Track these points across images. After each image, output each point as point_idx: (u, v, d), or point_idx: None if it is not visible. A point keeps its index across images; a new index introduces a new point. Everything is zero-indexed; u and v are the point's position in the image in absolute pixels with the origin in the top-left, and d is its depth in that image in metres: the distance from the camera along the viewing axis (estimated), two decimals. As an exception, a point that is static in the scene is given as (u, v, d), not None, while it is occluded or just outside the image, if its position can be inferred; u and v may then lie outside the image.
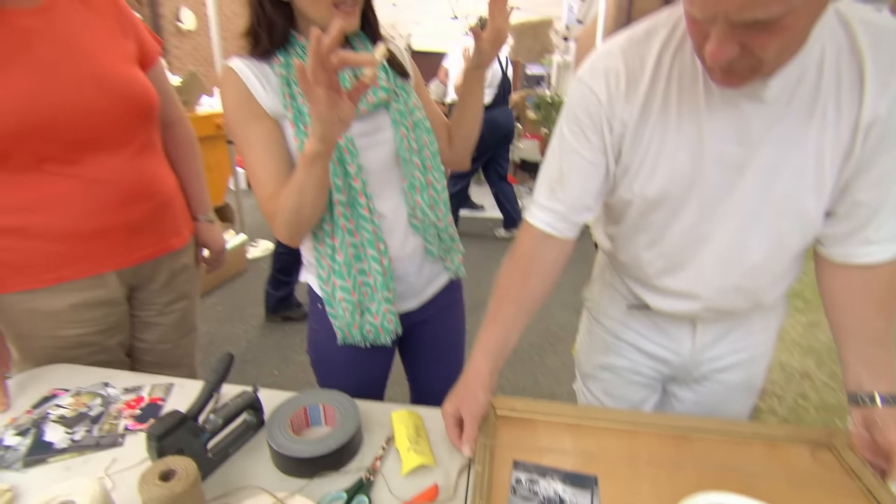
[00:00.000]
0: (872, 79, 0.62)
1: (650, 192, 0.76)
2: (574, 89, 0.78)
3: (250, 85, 0.85)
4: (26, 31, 0.84)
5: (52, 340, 0.98)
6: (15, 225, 0.89)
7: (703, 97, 0.69)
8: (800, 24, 0.53)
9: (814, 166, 0.68)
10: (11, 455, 0.74)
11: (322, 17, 0.84)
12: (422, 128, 0.97)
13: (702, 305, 0.83)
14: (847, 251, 0.74)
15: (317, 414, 0.82)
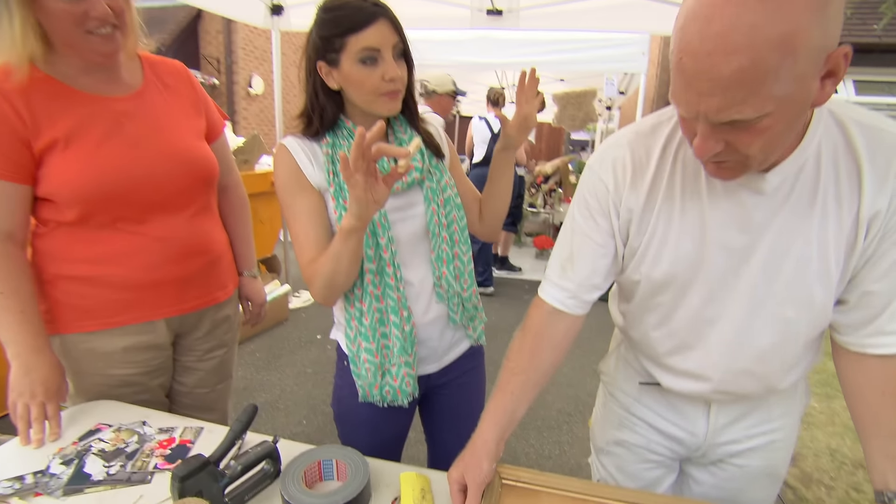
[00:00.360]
0: (870, 176, 0.65)
1: (656, 274, 0.79)
2: (585, 176, 0.84)
3: (300, 161, 0.96)
4: (121, 113, 0.99)
5: (103, 378, 1.08)
6: (88, 274, 1.01)
7: (706, 187, 0.73)
8: (778, 126, 0.57)
9: (818, 256, 0.69)
10: (54, 483, 0.82)
11: (369, 105, 0.95)
12: (452, 204, 1.05)
13: (712, 387, 0.83)
14: (862, 341, 0.74)
15: (330, 469, 0.85)
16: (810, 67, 0.53)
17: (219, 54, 8.29)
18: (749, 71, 0.51)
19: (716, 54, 0.52)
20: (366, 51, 0.89)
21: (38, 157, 0.93)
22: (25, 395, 0.93)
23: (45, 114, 0.92)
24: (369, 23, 0.88)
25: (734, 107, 0.54)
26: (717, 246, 0.73)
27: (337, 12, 0.89)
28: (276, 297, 3.45)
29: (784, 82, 0.52)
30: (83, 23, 0.88)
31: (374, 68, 0.90)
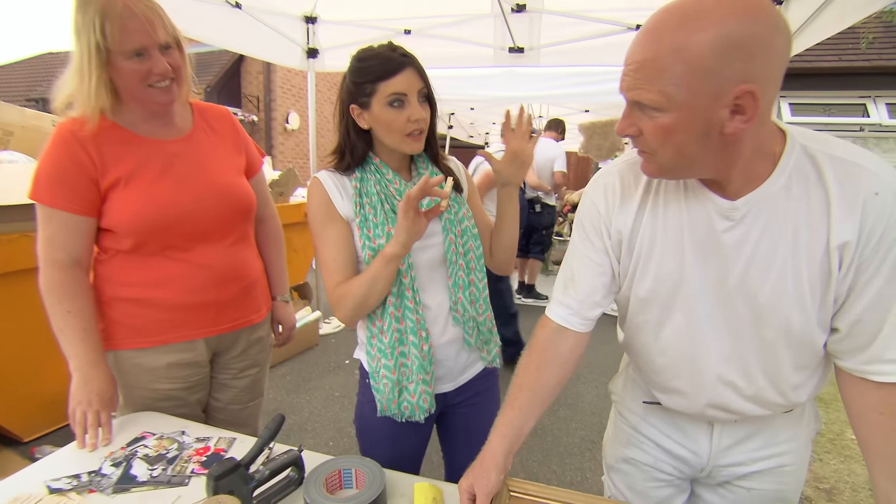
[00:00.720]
0: (838, 206, 0.68)
1: (641, 291, 0.85)
2: (581, 202, 0.92)
3: (331, 193, 1.06)
4: (172, 154, 1.13)
5: (149, 392, 1.18)
6: (139, 296, 1.14)
7: (685, 211, 0.79)
8: (680, 133, 0.66)
9: (792, 282, 0.72)
10: (105, 482, 0.91)
11: (395, 144, 1.04)
12: (469, 234, 1.13)
13: (703, 403, 0.86)
14: (860, 367, 0.75)
15: (349, 477, 0.92)
16: (706, 86, 0.62)
17: (259, 93, 8.80)
18: (650, 62, 0.65)
19: (636, 45, 0.67)
20: (394, 95, 0.99)
21: (103, 193, 1.07)
22: (83, 404, 1.04)
23: (111, 157, 1.06)
24: (398, 71, 0.98)
25: (636, 89, 0.67)
26: (694, 267, 0.78)
27: (369, 62, 1.00)
28: (306, 322, 3.57)
29: (677, 86, 0.63)
30: (146, 78, 1.03)
31: (401, 110, 1.00)
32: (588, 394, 3.10)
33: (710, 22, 0.60)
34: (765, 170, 0.71)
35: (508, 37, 3.05)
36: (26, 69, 11.66)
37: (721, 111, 0.63)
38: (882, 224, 0.66)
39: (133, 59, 1.01)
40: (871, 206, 0.67)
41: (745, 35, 0.60)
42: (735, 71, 0.61)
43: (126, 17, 0.98)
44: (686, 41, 0.61)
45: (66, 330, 1.06)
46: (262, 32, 3.15)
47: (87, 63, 0.98)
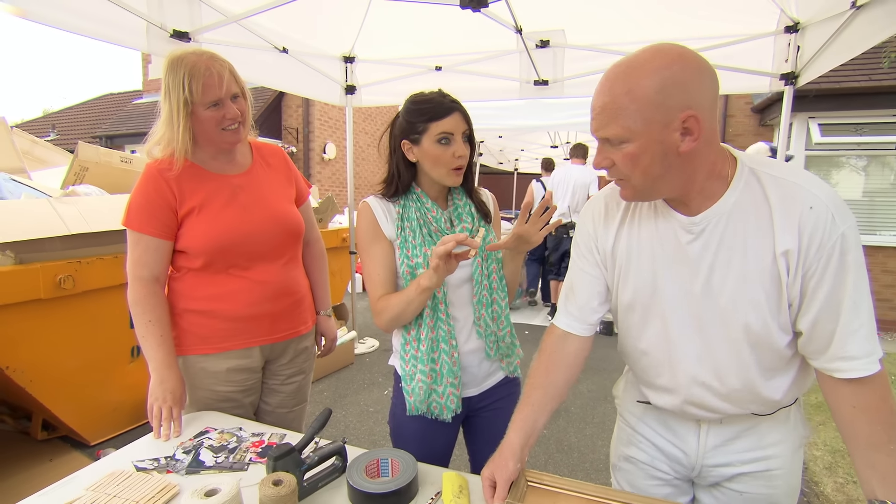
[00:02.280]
0: (779, 219, 0.80)
1: (624, 298, 0.98)
2: (577, 224, 1.07)
3: (378, 216, 1.22)
4: (236, 186, 1.33)
5: (211, 393, 1.35)
6: (206, 308, 1.32)
7: (655, 224, 0.92)
8: (644, 157, 0.79)
9: (747, 288, 0.83)
10: (179, 465, 1.07)
11: (440, 176, 1.20)
12: (493, 258, 1.27)
13: (682, 399, 0.95)
14: (826, 366, 0.83)
15: (386, 466, 1.04)
16: (656, 115, 0.76)
17: (298, 125, 9.29)
18: (609, 105, 0.79)
19: (596, 95, 0.82)
20: (443, 134, 1.16)
21: (180, 220, 1.27)
22: (159, 400, 1.21)
23: (188, 189, 1.26)
24: (447, 114, 1.16)
25: (603, 128, 0.81)
26: (665, 277, 0.91)
27: (423, 105, 1.18)
28: (343, 342, 3.75)
29: (633, 119, 0.77)
30: (221, 123, 1.24)
31: (448, 147, 1.16)
32: (614, 412, 3.11)
33: (649, 69, 0.76)
34: (719, 189, 0.84)
35: (533, 71, 3.22)
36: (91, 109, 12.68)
37: (673, 135, 0.77)
38: (819, 234, 0.77)
39: (211, 108, 1.22)
40: (807, 218, 0.78)
41: (678, 74, 0.76)
42: (676, 102, 0.75)
43: (207, 76, 1.20)
44: (634, 85, 0.76)
45: (147, 336, 1.24)
46: (305, 72, 3.43)
47: (178, 115, 1.19)
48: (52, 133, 11.54)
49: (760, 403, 0.92)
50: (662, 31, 2.83)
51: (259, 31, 2.94)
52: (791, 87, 2.78)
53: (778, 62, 2.81)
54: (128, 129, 9.88)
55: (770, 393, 0.90)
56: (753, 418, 0.96)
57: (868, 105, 5.11)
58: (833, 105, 5.22)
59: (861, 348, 0.79)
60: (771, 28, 2.71)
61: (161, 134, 1.24)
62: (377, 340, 4.38)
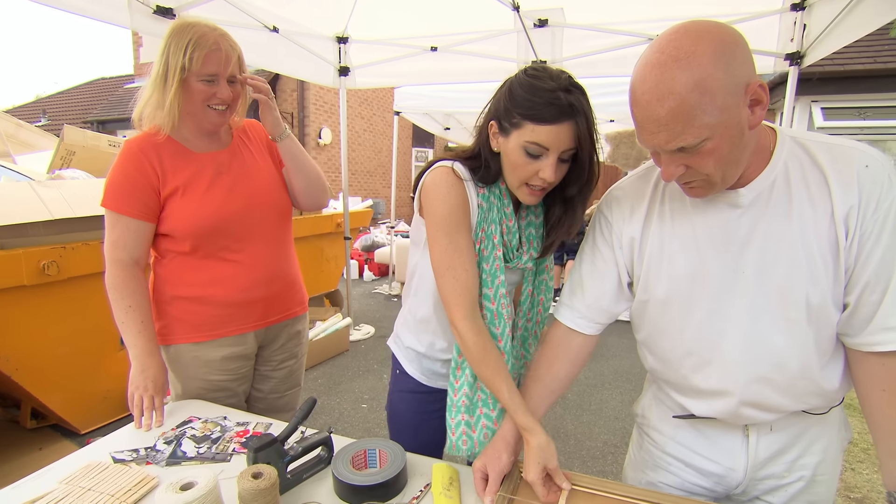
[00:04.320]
0: (836, 181, 0.75)
1: (659, 292, 0.89)
2: (594, 215, 0.99)
3: (471, 200, 0.96)
4: (220, 164, 1.26)
5: (203, 382, 1.30)
6: (196, 295, 1.26)
7: (692, 210, 0.85)
8: (723, 147, 0.71)
9: (804, 258, 0.77)
10: (160, 456, 1.03)
11: (512, 187, 0.96)
12: (542, 288, 1.12)
13: (737, 400, 0.85)
14: (866, 340, 0.78)
15: (374, 457, 1.00)
16: (730, 99, 0.68)
17: (293, 109, 9.16)
18: (678, 109, 0.68)
19: (652, 102, 0.69)
20: (534, 145, 0.87)
21: (162, 202, 1.21)
22: (140, 389, 1.17)
23: (170, 169, 1.20)
24: (553, 121, 0.85)
25: (677, 137, 0.70)
26: (710, 260, 0.83)
27: (533, 95, 0.86)
28: (337, 329, 3.71)
29: (710, 114, 0.67)
30: (209, 99, 1.18)
31: (534, 162, 0.89)
32: (612, 400, 3.10)
33: (706, 52, 0.66)
34: (763, 161, 0.79)
35: (531, 51, 3.13)
36: (82, 94, 12.49)
37: (744, 111, 0.70)
38: (876, 193, 0.73)
39: (204, 82, 1.16)
40: (865, 177, 0.73)
41: (730, 48, 0.68)
42: (741, 75, 0.68)
43: (214, 49, 1.14)
44: (699, 76, 0.66)
45: (127, 322, 1.19)
46: (297, 53, 3.34)
47: (172, 77, 1.13)
48: (44, 118, 11.38)
49: (818, 395, 0.85)
50: (664, 9, 2.74)
51: (248, 9, 2.84)
52: (796, 68, 2.71)
53: (783, 42, 2.73)
54: (119, 114, 9.74)
55: (827, 382, 0.84)
56: (803, 422, 0.89)
57: (872, 88, 5.03)
58: (836, 88, 5.13)
59: None
60: (776, 5, 2.63)
61: (149, 95, 1.17)
62: (372, 327, 4.34)
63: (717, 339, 0.85)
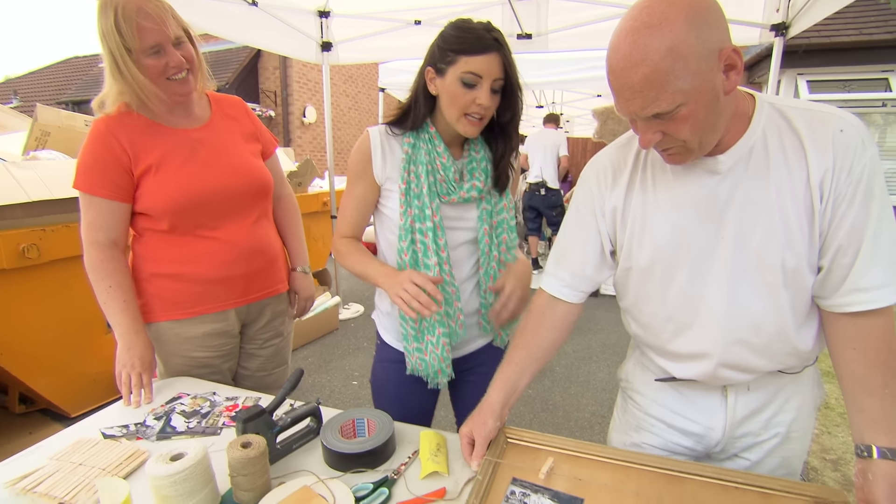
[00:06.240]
0: (811, 145, 0.76)
1: (642, 260, 0.91)
2: (578, 184, 1.00)
3: (374, 152, 1.10)
4: (195, 141, 1.24)
5: (186, 360, 1.31)
6: (175, 272, 1.25)
7: (672, 177, 0.86)
8: (699, 112, 0.71)
9: (781, 223, 0.78)
10: (150, 431, 1.04)
11: (453, 120, 1.06)
12: (504, 227, 1.18)
13: (716, 362, 0.88)
14: (838, 301, 0.80)
15: (362, 426, 1.02)
16: (703, 64, 0.68)
17: (276, 88, 8.97)
18: (651, 76, 0.68)
19: (626, 69, 0.70)
20: (469, 74, 0.99)
21: (136, 180, 1.19)
22: (128, 367, 1.17)
23: (142, 147, 1.17)
24: (483, 52, 0.99)
25: (652, 104, 0.71)
26: (691, 227, 0.85)
27: (461, 33, 1.01)
28: (327, 307, 3.72)
29: (683, 79, 0.68)
30: (165, 72, 1.14)
31: (470, 91, 1.01)
32: (600, 372, 3.16)
33: (678, 17, 0.66)
34: (742, 127, 0.79)
35: (516, 23, 3.09)
36: (55, 74, 12.09)
37: (718, 76, 0.70)
38: (850, 157, 0.74)
39: (151, 56, 1.11)
40: (839, 142, 0.74)
41: (701, 12, 0.68)
42: (714, 40, 0.68)
43: (141, 17, 1.08)
44: (671, 41, 0.66)
45: (109, 303, 1.19)
46: (278, 27, 3.26)
47: (123, 63, 1.09)
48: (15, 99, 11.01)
49: (793, 355, 0.88)
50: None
51: (224, -18, 2.76)
52: (781, 39, 2.71)
53: (769, 12, 2.72)
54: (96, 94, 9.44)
55: (801, 343, 0.86)
56: (778, 381, 0.93)
57: (857, 60, 5.06)
58: (822, 61, 5.15)
59: (878, 278, 0.76)
60: (761, -25, 2.62)
61: (110, 88, 1.14)
62: (362, 306, 4.36)
63: (697, 304, 0.87)
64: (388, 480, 0.88)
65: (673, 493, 0.84)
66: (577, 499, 0.83)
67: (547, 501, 0.83)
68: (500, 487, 0.86)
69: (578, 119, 8.26)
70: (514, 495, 0.84)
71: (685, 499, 0.83)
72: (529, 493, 0.84)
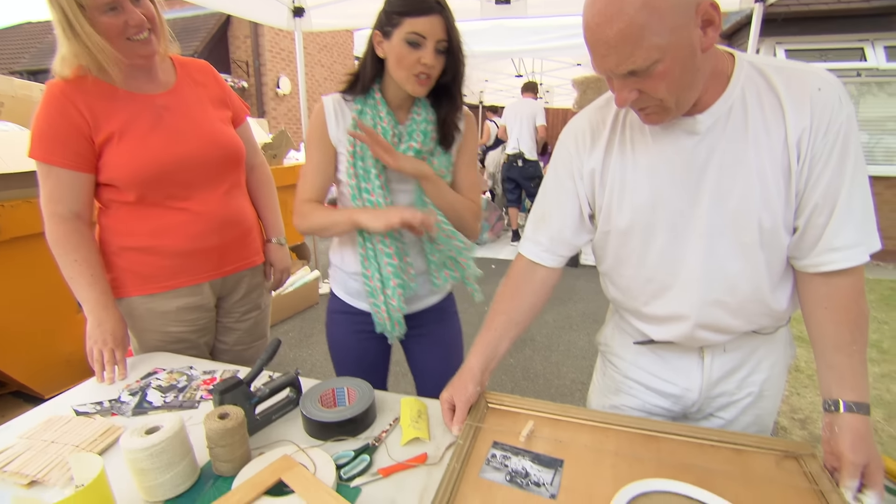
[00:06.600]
0: (789, 104, 0.76)
1: (621, 223, 0.90)
2: (556, 147, 0.98)
3: (328, 118, 1.15)
4: (161, 107, 1.18)
5: (161, 335, 1.28)
6: (145, 245, 1.21)
7: (651, 139, 0.85)
8: (675, 69, 0.70)
9: (758, 183, 0.78)
10: (125, 407, 1.02)
11: (401, 80, 1.09)
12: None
13: (692, 323, 0.89)
14: (812, 261, 0.81)
15: (342, 395, 1.01)
16: (680, 19, 0.67)
17: (247, 58, 8.64)
18: (626, 31, 0.67)
19: (602, 25, 0.68)
20: (414, 34, 1.03)
21: (98, 149, 1.13)
22: (99, 343, 1.13)
23: (102, 113, 1.11)
24: (426, 13, 1.03)
25: (627, 60, 0.69)
26: (669, 188, 0.84)
27: None
28: (306, 282, 3.68)
29: (659, 34, 0.66)
30: (124, 31, 1.06)
31: (415, 51, 1.05)
32: (580, 340, 3.22)
33: None
34: (720, 87, 0.78)
35: (495, -13, 3.01)
36: (7, 41, 11.39)
37: (696, 32, 0.69)
38: (827, 116, 0.74)
39: (108, 13, 1.04)
40: (817, 100, 0.74)
41: None
42: None
43: None
44: None
45: (75, 277, 1.14)
46: (246, -9, 3.11)
47: (75, 19, 1.01)
48: (-32, 70, 10.38)
49: (768, 316, 0.90)
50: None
51: (187, -60, 2.60)
52: (761, 5, 2.70)
53: (748, -23, 2.70)
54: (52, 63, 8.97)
55: (776, 303, 0.87)
56: (753, 342, 0.95)
57: (834, 29, 5.08)
58: (800, 30, 5.15)
59: (850, 238, 0.77)
60: (742, -62, 2.58)
61: (64, 51, 1.06)
62: (343, 280, 4.32)
63: (675, 266, 0.88)
64: (370, 447, 0.88)
65: (650, 452, 0.86)
66: (558, 460, 0.85)
67: (528, 463, 0.84)
68: (481, 451, 0.87)
69: (558, 89, 8.20)
70: (495, 458, 0.85)
71: (662, 457, 0.85)
72: (510, 456, 0.85)
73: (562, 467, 0.83)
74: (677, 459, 0.84)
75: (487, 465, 0.83)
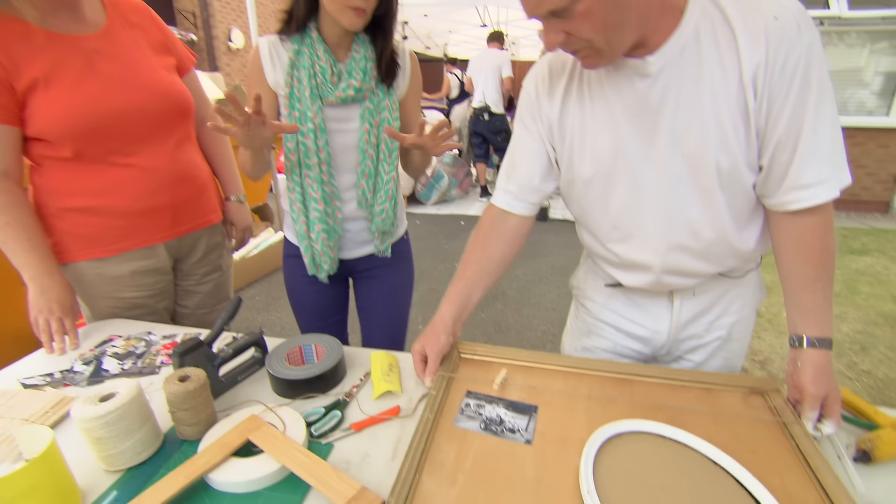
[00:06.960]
0: (744, 37, 0.71)
1: (584, 172, 0.88)
2: (520, 94, 0.94)
3: (264, 61, 1.11)
4: (92, 51, 1.06)
5: (114, 301, 1.20)
6: (88, 205, 1.11)
7: (608, 85, 0.81)
8: (598, 8, 0.66)
9: (714, 124, 0.75)
10: (79, 377, 0.96)
11: (336, 12, 1.04)
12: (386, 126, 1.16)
13: (658, 269, 0.89)
14: (780, 200, 0.79)
15: (310, 352, 0.98)
16: None
17: (193, 8, 8.03)
18: None
19: None
20: None
21: (21, 98, 1.01)
22: (45, 312, 1.06)
23: (22, 56, 0.99)
24: None
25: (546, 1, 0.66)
26: (627, 134, 0.81)
27: None
28: (270, 244, 3.58)
29: None
30: None
31: None
32: (550, 293, 3.28)
33: None
34: (673, 23, 0.74)
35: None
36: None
37: None
38: (785, 46, 0.69)
39: None
40: (773, 30, 0.69)
41: None
42: None
43: None
44: None
45: (9, 242, 1.05)
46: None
47: None
48: None
49: (735, 257, 0.89)
50: None
51: None
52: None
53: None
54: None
55: (744, 244, 0.87)
56: (723, 285, 0.95)
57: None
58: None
59: (817, 174, 0.75)
60: None
61: None
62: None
63: (637, 212, 0.87)
64: (341, 403, 0.86)
65: (623, 394, 0.87)
66: (532, 406, 0.85)
67: (502, 410, 0.83)
68: (454, 401, 0.86)
69: (524, 40, 8.00)
70: (468, 407, 0.84)
71: (635, 399, 0.86)
72: (484, 405, 0.85)
73: (536, 413, 0.83)
74: (649, 400, 0.85)
75: (461, 415, 0.82)
